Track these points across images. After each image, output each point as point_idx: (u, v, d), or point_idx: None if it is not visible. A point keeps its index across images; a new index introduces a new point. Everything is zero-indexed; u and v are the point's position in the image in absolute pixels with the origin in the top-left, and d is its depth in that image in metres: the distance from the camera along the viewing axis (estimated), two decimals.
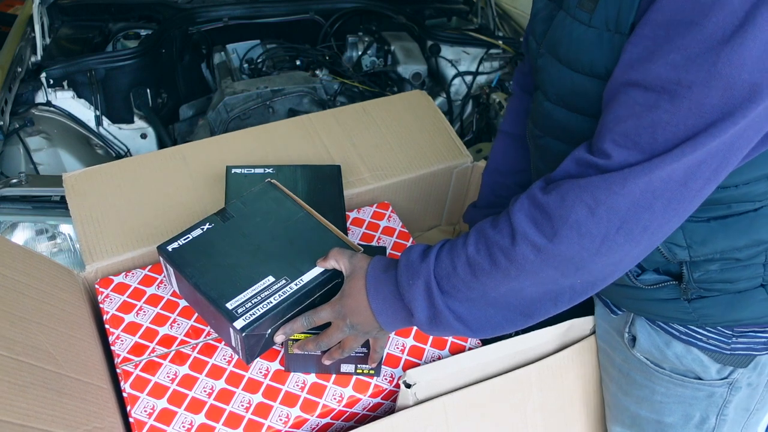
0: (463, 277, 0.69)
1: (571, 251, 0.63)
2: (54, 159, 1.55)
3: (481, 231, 0.69)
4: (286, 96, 1.68)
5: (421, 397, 0.83)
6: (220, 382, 0.85)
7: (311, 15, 1.94)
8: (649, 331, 0.82)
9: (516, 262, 0.65)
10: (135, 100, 1.76)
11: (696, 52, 0.55)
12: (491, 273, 0.67)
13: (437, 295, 0.70)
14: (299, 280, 0.81)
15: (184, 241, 0.87)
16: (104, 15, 1.91)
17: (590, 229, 0.62)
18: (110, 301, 0.95)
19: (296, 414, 0.82)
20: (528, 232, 0.64)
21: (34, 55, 1.68)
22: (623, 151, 0.60)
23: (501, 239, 0.67)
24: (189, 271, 0.84)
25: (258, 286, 0.81)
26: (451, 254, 0.70)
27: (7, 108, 1.50)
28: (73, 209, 1.06)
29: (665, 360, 0.82)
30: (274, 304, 0.78)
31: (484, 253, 0.68)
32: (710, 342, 0.78)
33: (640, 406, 0.87)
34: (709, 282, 0.75)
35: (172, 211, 1.07)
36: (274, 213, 0.90)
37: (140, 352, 0.88)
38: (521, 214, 0.66)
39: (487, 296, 0.70)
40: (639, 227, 0.61)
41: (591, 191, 0.61)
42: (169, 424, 0.80)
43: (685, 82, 0.56)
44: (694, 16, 0.55)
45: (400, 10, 1.94)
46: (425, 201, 1.29)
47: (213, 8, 1.89)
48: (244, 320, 0.77)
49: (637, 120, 0.59)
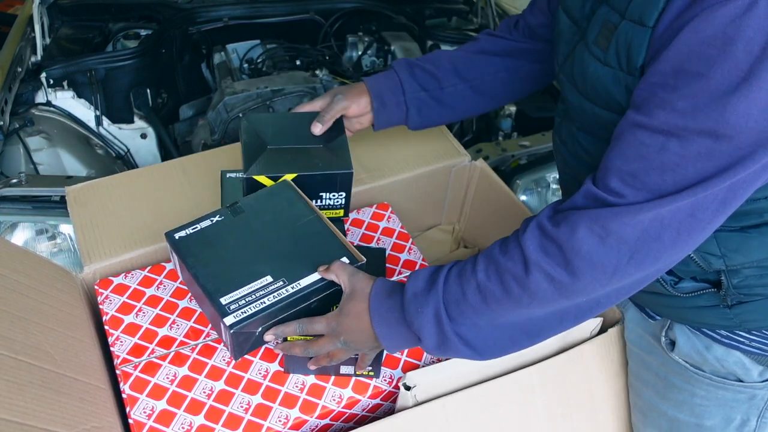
0: (473, 303, 0.69)
1: (584, 282, 0.64)
2: (54, 159, 1.55)
3: (490, 257, 0.70)
4: (286, 96, 1.68)
5: (420, 399, 0.83)
6: (220, 383, 0.85)
7: (311, 15, 1.94)
8: (688, 335, 0.81)
9: (529, 290, 0.66)
10: (135, 100, 1.76)
11: (704, 102, 0.57)
12: (502, 300, 0.68)
13: (446, 323, 0.70)
14: (296, 284, 0.81)
15: (192, 230, 0.87)
16: (104, 15, 1.91)
17: (602, 259, 0.63)
18: (110, 302, 0.95)
19: (295, 415, 0.82)
20: (541, 261, 0.65)
21: (34, 55, 1.69)
22: (632, 191, 0.62)
23: (513, 267, 0.67)
24: (191, 261, 0.83)
25: (255, 285, 0.80)
26: (460, 280, 0.71)
27: (7, 108, 1.50)
28: (74, 217, 1.06)
29: (705, 363, 0.81)
30: (267, 304, 0.78)
31: (495, 280, 0.68)
32: (753, 344, 0.77)
33: (679, 409, 0.87)
34: (749, 287, 0.74)
35: (170, 214, 1.06)
36: (284, 213, 0.90)
37: (140, 354, 0.88)
38: (533, 243, 0.66)
39: (496, 321, 0.71)
40: (650, 257, 0.63)
41: (601, 222, 0.62)
42: (169, 425, 0.80)
43: (694, 128, 0.58)
44: (700, 67, 0.56)
45: (400, 10, 1.94)
46: (424, 200, 1.29)
47: (213, 8, 1.89)
48: (235, 317, 0.77)
49: (645, 162, 0.61)
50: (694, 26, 0.56)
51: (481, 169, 1.24)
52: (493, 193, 1.23)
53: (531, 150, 1.52)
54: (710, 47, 0.55)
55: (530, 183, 1.50)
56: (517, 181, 1.48)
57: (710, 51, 0.55)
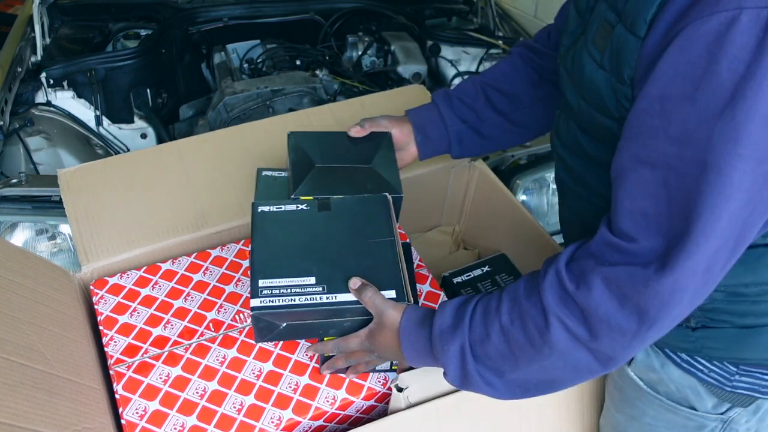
0: (497, 345, 0.68)
1: (603, 343, 0.63)
2: (54, 159, 1.55)
3: (515, 299, 0.68)
4: (286, 96, 1.68)
5: (413, 401, 0.82)
6: (213, 384, 0.84)
7: (311, 15, 1.94)
8: (648, 352, 0.80)
9: (549, 342, 0.64)
10: (135, 100, 1.76)
11: (693, 126, 0.54)
12: (525, 346, 0.66)
13: (470, 362, 0.70)
14: (333, 296, 0.78)
15: (276, 209, 0.87)
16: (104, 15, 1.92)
17: (620, 323, 0.61)
18: (105, 302, 0.95)
19: (288, 416, 0.81)
20: (560, 315, 0.64)
21: (34, 55, 1.69)
22: (644, 234, 0.59)
23: (536, 315, 0.65)
24: (257, 236, 0.84)
25: (296, 280, 0.79)
26: (485, 320, 0.69)
27: (7, 108, 1.51)
28: (68, 207, 1.06)
29: (660, 382, 0.80)
30: (295, 303, 0.77)
31: (518, 325, 0.67)
32: (711, 375, 0.75)
33: (630, 424, 0.86)
34: (715, 311, 0.72)
35: (167, 211, 1.07)
36: (365, 225, 0.87)
37: (133, 354, 0.88)
38: (552, 294, 0.65)
39: (519, 368, 0.68)
40: (669, 320, 0.61)
41: (617, 284, 0.60)
42: (161, 426, 0.80)
43: (689, 157, 0.55)
44: (686, 89, 0.54)
45: (400, 10, 1.94)
46: (423, 201, 1.28)
47: (213, 8, 1.89)
48: (261, 302, 0.77)
49: (653, 199, 0.58)
50: (678, 44, 0.54)
51: (481, 170, 1.23)
52: (492, 194, 1.22)
53: (531, 150, 1.51)
54: (695, 67, 0.53)
55: (530, 183, 1.50)
56: (517, 181, 1.47)
57: (696, 71, 0.53)
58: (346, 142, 0.98)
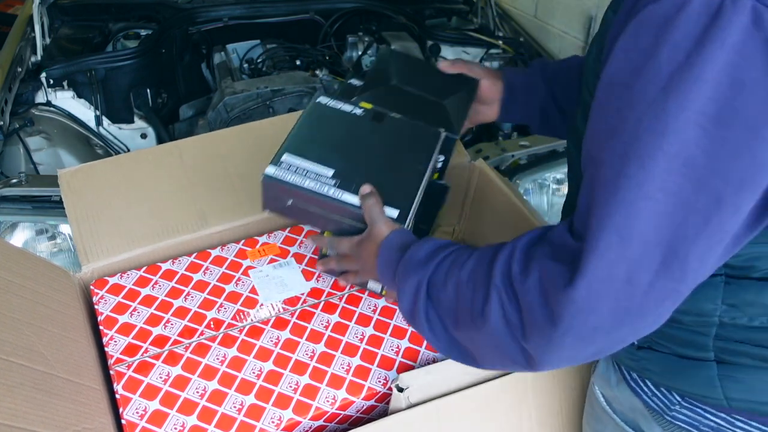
0: (450, 296, 0.66)
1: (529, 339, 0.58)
2: (54, 159, 1.56)
3: (480, 260, 0.64)
4: (286, 96, 1.68)
5: (414, 401, 0.82)
6: (213, 383, 0.84)
7: (311, 15, 1.94)
8: (607, 363, 0.78)
9: (484, 315, 0.61)
10: (135, 100, 1.77)
11: (624, 116, 0.50)
12: (466, 309, 0.64)
13: (422, 298, 0.69)
14: (340, 193, 0.79)
15: (333, 104, 0.89)
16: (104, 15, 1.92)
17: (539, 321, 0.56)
18: (105, 302, 0.95)
19: (289, 416, 0.81)
20: (501, 293, 0.60)
21: (34, 55, 1.69)
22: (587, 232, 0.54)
23: (485, 283, 0.62)
24: (304, 117, 0.87)
25: (316, 167, 0.80)
26: (450, 268, 0.67)
27: (7, 108, 1.51)
28: (68, 207, 1.06)
29: (615, 400, 0.77)
30: (304, 186, 0.78)
31: (470, 287, 0.63)
32: (653, 399, 0.71)
33: None
34: (658, 334, 0.65)
35: (167, 211, 1.07)
36: (407, 148, 0.87)
37: (133, 353, 0.88)
38: (500, 269, 0.61)
39: (457, 328, 0.66)
40: (588, 330, 0.55)
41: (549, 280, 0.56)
42: (161, 425, 0.80)
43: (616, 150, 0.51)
44: (626, 76, 0.50)
45: (400, 10, 1.94)
46: None
47: (213, 8, 1.90)
48: (275, 171, 0.79)
49: (584, 196, 0.55)
50: (632, 27, 0.50)
51: (481, 170, 1.23)
52: (493, 194, 1.22)
53: (531, 150, 1.51)
54: (640, 53, 0.49)
55: (530, 183, 1.49)
56: (517, 181, 1.47)
57: (639, 57, 0.49)
58: (433, 74, 0.98)
